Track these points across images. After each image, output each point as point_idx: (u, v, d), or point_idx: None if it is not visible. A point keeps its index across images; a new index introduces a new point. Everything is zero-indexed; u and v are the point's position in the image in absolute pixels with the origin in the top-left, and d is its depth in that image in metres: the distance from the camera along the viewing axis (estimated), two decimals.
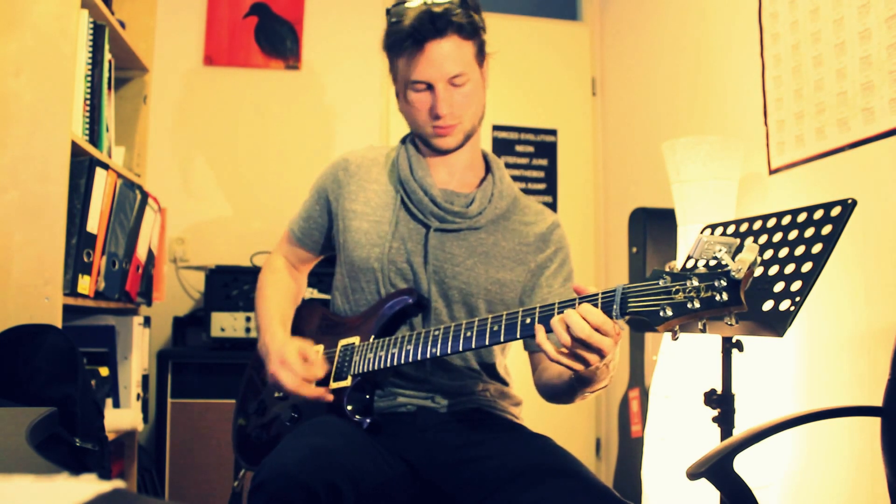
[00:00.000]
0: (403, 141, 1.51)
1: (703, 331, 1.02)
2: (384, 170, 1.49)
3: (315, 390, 1.32)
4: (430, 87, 1.36)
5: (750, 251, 0.96)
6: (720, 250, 0.97)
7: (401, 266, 1.40)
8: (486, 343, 1.17)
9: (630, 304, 1.03)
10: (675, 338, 1.01)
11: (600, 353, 1.07)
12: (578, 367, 1.10)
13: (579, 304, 1.07)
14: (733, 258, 0.96)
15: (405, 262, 1.40)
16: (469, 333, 1.19)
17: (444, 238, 1.40)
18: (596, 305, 1.06)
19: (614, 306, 1.04)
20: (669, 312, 0.99)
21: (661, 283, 1.01)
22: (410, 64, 1.36)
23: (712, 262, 0.98)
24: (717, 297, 0.96)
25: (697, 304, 0.97)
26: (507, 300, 1.42)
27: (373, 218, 1.43)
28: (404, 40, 1.34)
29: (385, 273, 1.39)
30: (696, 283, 0.98)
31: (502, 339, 1.16)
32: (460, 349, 1.20)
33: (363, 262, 1.41)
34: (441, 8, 1.34)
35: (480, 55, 1.42)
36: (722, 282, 0.96)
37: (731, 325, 0.98)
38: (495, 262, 1.41)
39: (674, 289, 0.99)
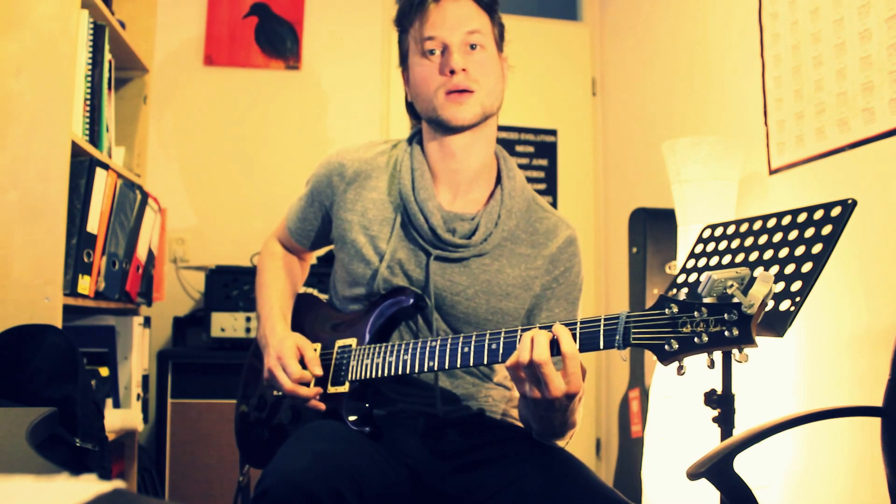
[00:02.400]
0: (410, 141, 1.40)
1: (712, 367, 0.96)
2: (384, 175, 1.39)
3: (308, 392, 1.29)
4: (443, 48, 1.29)
5: (763, 283, 0.90)
6: (731, 286, 0.91)
7: (397, 284, 1.34)
8: (485, 362, 1.14)
9: (634, 335, 0.98)
10: (681, 373, 0.96)
11: (546, 391, 1.03)
12: (524, 389, 1.07)
13: (581, 326, 1.04)
14: (745, 292, 0.90)
15: (402, 284, 1.34)
16: (467, 349, 1.15)
17: (444, 265, 1.32)
18: (597, 332, 1.02)
19: (617, 336, 1.00)
20: (675, 346, 0.94)
21: (667, 312, 0.96)
22: (421, 24, 1.29)
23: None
24: (727, 333, 0.91)
25: (705, 339, 0.92)
26: (509, 327, 1.37)
27: (370, 232, 1.35)
28: None
29: (382, 291, 1.34)
30: (704, 315, 0.92)
31: (500, 360, 1.12)
32: (458, 365, 1.17)
33: (360, 276, 1.36)
34: None
35: (500, 39, 1.36)
36: (733, 315, 0.90)
37: (739, 362, 0.93)
38: (498, 290, 1.33)
39: (681, 320, 0.94)
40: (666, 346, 0.95)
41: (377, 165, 1.40)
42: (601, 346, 1.03)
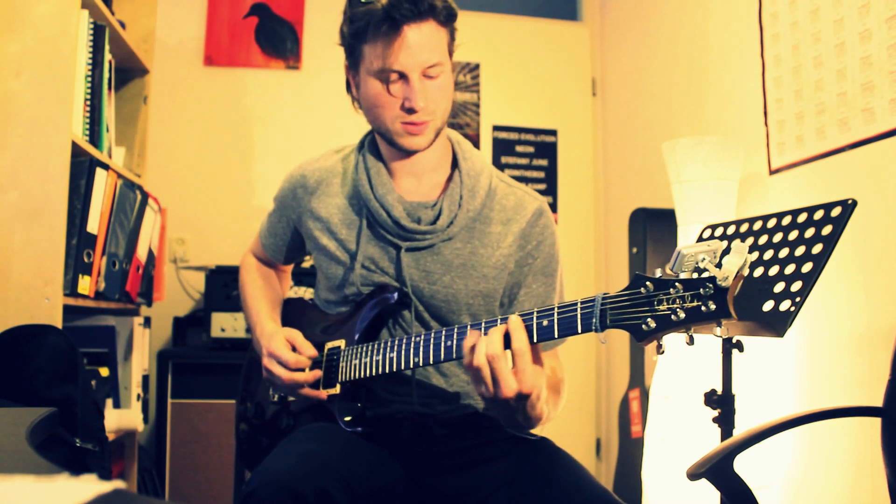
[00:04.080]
0: (361, 145, 1.40)
1: (691, 343, 0.94)
2: (345, 180, 1.40)
3: (310, 376, 1.30)
4: (402, 77, 1.24)
5: (738, 254, 0.87)
6: (703, 259, 0.89)
7: (378, 281, 1.34)
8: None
9: (610, 316, 0.97)
10: (660, 352, 0.94)
11: (498, 390, 1.02)
12: (479, 390, 1.06)
13: (558, 313, 1.03)
14: (719, 265, 0.88)
15: (381, 279, 1.34)
16: (449, 343, 1.15)
17: (417, 255, 1.32)
18: (574, 317, 1.01)
19: (594, 319, 0.98)
20: (652, 325, 0.92)
21: (642, 291, 0.94)
22: (384, 50, 1.22)
23: (695, 274, 0.90)
24: (703, 308, 0.88)
25: (682, 316, 0.90)
26: (493, 310, 1.36)
27: (339, 236, 1.36)
28: (380, 23, 1.21)
29: (362, 289, 1.35)
30: (680, 290, 0.90)
31: None
32: (442, 359, 1.16)
33: (339, 279, 1.37)
34: None
35: (451, 44, 1.29)
36: (708, 289, 0.88)
37: (719, 337, 0.91)
38: (475, 272, 1.32)
39: (657, 298, 0.92)
40: (643, 326, 0.93)
41: (337, 172, 1.41)
42: (579, 331, 1.01)
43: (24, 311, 1.64)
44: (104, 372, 2.04)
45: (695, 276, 0.90)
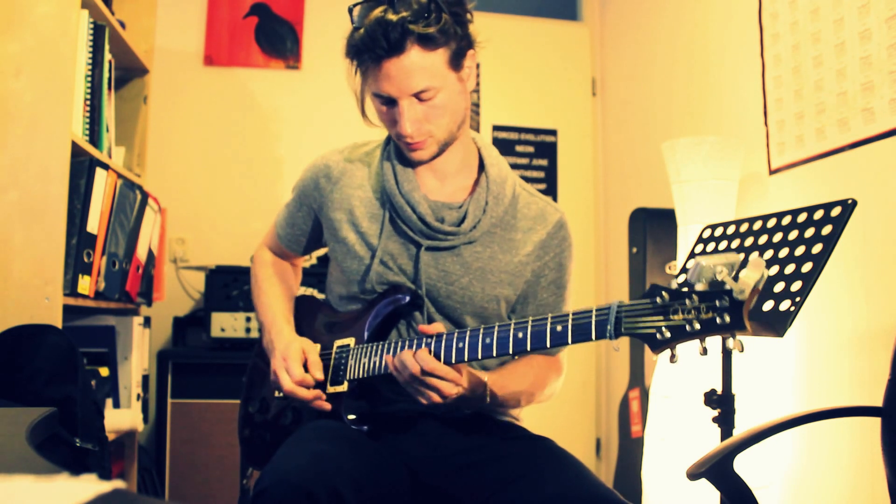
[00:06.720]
0: (388, 141, 1.40)
1: (704, 353, 0.94)
2: (368, 173, 1.40)
3: (309, 394, 1.30)
4: (392, 101, 1.25)
5: (755, 268, 0.89)
6: (721, 271, 0.90)
7: (392, 280, 1.35)
8: (479, 357, 1.15)
9: (625, 325, 0.98)
10: (673, 361, 0.95)
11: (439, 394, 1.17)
12: (424, 397, 1.20)
13: (573, 319, 1.05)
14: (736, 277, 0.89)
15: (396, 277, 1.35)
16: (461, 345, 1.16)
17: (436, 255, 1.33)
18: (589, 323, 1.03)
19: (608, 326, 0.99)
20: (667, 335, 0.94)
21: (658, 301, 0.95)
22: (372, 77, 1.24)
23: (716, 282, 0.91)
24: (719, 320, 0.90)
25: (697, 327, 0.92)
26: (502, 315, 1.37)
27: (360, 228, 1.37)
28: (360, 54, 1.23)
29: (376, 287, 1.35)
30: (696, 302, 0.91)
31: (494, 354, 1.14)
32: (453, 362, 1.17)
33: (354, 273, 1.37)
34: (397, 17, 1.18)
35: (456, 59, 1.25)
36: (724, 301, 0.90)
37: (731, 349, 0.93)
38: (492, 277, 1.33)
39: (672, 308, 0.94)
40: (657, 335, 0.95)
41: (362, 164, 1.42)
42: (593, 337, 1.03)
43: (24, 311, 1.64)
44: (104, 372, 2.04)
45: (712, 287, 0.91)
